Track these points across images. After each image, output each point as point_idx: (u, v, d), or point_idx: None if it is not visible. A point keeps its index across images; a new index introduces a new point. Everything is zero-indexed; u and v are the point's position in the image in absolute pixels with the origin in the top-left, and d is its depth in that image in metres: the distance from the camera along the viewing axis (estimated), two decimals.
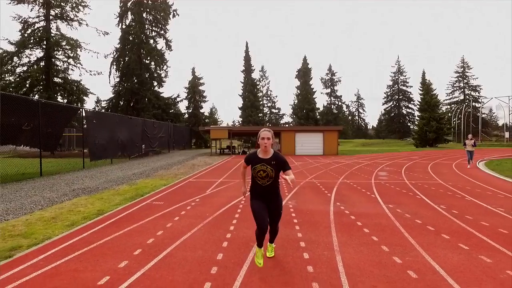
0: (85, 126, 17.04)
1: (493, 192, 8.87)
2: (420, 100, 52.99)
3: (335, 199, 7.89)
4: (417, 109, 65.47)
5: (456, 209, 6.68)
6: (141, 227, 5.41)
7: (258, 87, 64.58)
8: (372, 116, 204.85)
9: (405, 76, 78.20)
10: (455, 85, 74.10)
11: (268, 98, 68.59)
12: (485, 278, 3.43)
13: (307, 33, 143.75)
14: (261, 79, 66.65)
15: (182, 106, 51.97)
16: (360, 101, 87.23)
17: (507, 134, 54.98)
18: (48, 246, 4.48)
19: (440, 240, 4.71)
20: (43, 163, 13.37)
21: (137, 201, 7.68)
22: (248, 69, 61.77)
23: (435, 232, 5.10)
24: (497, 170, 14.18)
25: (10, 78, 34.93)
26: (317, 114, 63.34)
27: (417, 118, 61.97)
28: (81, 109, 17.24)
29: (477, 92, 72.82)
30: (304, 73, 62.68)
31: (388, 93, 79.22)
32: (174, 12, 44.76)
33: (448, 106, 72.02)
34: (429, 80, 52.94)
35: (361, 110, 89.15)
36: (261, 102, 66.20)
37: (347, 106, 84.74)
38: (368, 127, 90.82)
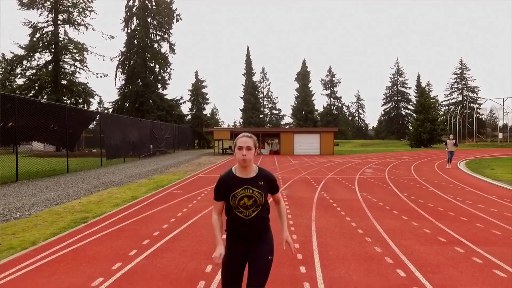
0: (102, 128, 18.82)
1: (455, 184, 10.61)
2: (415, 102, 54.77)
3: (321, 189, 9.63)
4: (413, 110, 67.26)
5: (415, 196, 8.42)
6: (169, 207, 7.16)
7: (258, 89, 66.43)
8: (372, 117, 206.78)
9: (404, 77, 79.80)
10: (453, 86, 75.76)
11: (269, 100, 70.50)
12: (407, 233, 5.16)
13: (308, 33, 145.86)
14: (262, 81, 68.57)
15: (185, 108, 53.93)
16: (360, 102, 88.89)
17: (500, 135, 56.63)
18: (107, 217, 6.24)
19: (390, 214, 6.45)
20: (62, 162, 15.12)
21: (160, 190, 9.44)
22: (249, 72, 63.63)
23: (389, 210, 6.84)
24: (472, 168, 15.88)
25: (19, 81, 36.81)
26: (316, 115, 65.13)
27: (413, 119, 63.75)
28: (100, 113, 18.99)
29: (475, 94, 74.50)
30: (303, 76, 64.56)
31: (387, 94, 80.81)
32: (178, 16, 46.64)
33: (447, 107, 73.62)
34: (428, 81, 54.95)
35: (361, 111, 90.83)
36: (262, 104, 68.01)
37: (347, 107, 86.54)
38: (368, 128, 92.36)
